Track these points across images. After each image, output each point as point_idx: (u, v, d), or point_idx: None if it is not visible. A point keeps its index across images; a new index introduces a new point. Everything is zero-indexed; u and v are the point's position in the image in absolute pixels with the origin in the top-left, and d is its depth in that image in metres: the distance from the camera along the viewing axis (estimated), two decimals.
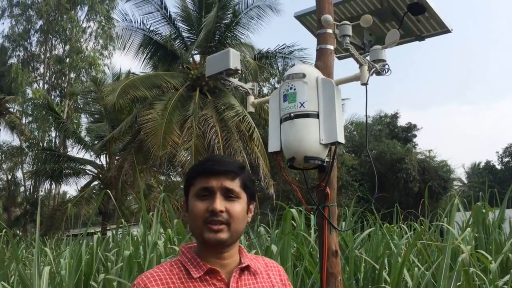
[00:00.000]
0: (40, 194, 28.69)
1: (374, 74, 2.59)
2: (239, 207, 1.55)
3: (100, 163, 22.60)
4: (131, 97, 17.72)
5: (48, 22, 28.77)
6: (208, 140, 16.61)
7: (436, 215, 5.92)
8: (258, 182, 16.87)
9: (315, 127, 2.47)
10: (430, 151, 29.14)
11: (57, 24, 28.58)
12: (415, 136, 31.46)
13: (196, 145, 16.52)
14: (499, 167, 38.46)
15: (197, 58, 19.75)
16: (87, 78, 28.50)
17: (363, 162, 24.90)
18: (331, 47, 2.81)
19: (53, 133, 28.49)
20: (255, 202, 1.67)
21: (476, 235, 4.57)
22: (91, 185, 22.55)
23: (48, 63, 29.79)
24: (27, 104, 28.80)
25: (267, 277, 1.66)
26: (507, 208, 5.25)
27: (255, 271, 1.63)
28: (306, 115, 2.49)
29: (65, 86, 29.75)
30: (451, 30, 3.22)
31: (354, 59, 2.57)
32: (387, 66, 2.61)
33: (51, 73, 30.15)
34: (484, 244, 4.57)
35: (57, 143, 28.28)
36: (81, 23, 29.54)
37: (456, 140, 73.27)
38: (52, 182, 24.97)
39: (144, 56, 19.52)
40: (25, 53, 30.16)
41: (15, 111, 29.10)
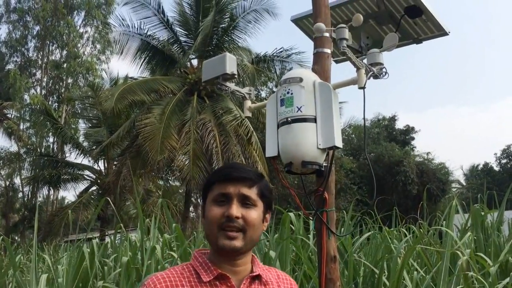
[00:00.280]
0: (38, 200, 28.61)
1: (372, 78, 2.57)
2: (255, 215, 1.55)
3: (98, 169, 22.60)
4: (129, 102, 17.71)
5: (45, 28, 28.74)
6: (206, 144, 16.60)
7: (435, 217, 5.91)
8: None
9: (312, 132, 2.45)
10: (428, 153, 29.16)
11: (54, 29, 28.56)
12: (413, 138, 31.47)
13: (194, 149, 16.50)
14: (497, 169, 38.48)
15: (194, 62, 19.80)
16: (84, 83, 28.45)
17: (362, 165, 24.89)
18: (328, 51, 2.80)
19: (51, 138, 28.45)
20: (271, 212, 1.67)
21: (475, 237, 4.55)
22: (89, 190, 22.53)
23: (45, 69, 29.75)
24: (25, 109, 28.74)
25: None
26: (506, 210, 5.23)
27: (266, 281, 1.62)
28: (304, 120, 2.47)
29: (62, 91, 29.70)
30: (449, 32, 3.21)
31: (351, 63, 2.55)
32: (384, 70, 2.59)
33: (48, 78, 30.10)
34: (483, 247, 4.55)
35: (55, 148, 28.21)
36: (78, 28, 29.53)
37: (454, 142, 73.39)
38: (50, 188, 24.90)
39: (142, 61, 19.55)
40: (22, 58, 30.13)
41: (12, 117, 29.05)
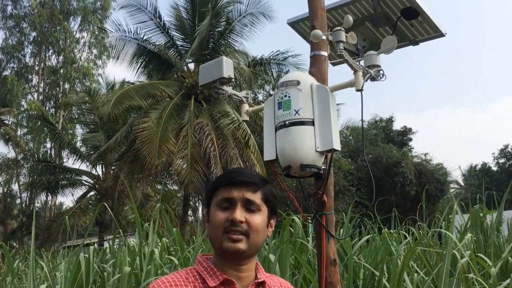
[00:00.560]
0: (36, 205, 28.53)
1: (369, 80, 2.56)
2: (259, 219, 1.55)
3: (96, 174, 22.53)
4: (126, 107, 17.69)
5: (42, 33, 28.71)
6: (204, 148, 16.58)
7: (434, 218, 5.90)
8: None
9: (310, 135, 2.44)
10: (426, 154, 29.23)
11: (50, 35, 28.53)
12: (410, 139, 31.51)
13: (192, 153, 16.48)
14: (495, 169, 38.51)
15: (191, 66, 19.81)
16: (81, 88, 28.42)
17: (360, 167, 24.90)
18: (325, 54, 2.80)
19: (48, 144, 28.39)
20: (276, 218, 1.66)
21: (475, 238, 4.54)
22: (88, 195, 22.48)
23: (42, 74, 29.71)
24: (22, 115, 28.69)
25: None
26: (504, 210, 5.23)
27: None
28: (301, 123, 2.46)
29: (59, 97, 29.66)
30: (445, 34, 3.21)
31: (348, 65, 2.54)
32: (381, 72, 2.58)
33: (45, 84, 30.06)
34: (483, 247, 4.54)
35: (52, 154, 28.15)
36: (74, 33, 29.50)
37: (452, 142, 73.46)
38: (48, 194, 24.84)
39: (138, 66, 19.55)
40: (19, 64, 30.10)
41: (10, 123, 28.99)
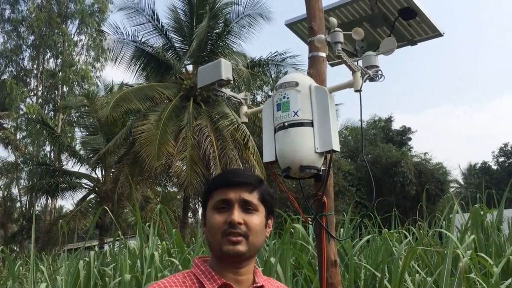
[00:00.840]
0: (36, 209, 28.48)
1: (368, 81, 2.56)
2: (257, 220, 1.53)
3: (96, 176, 22.52)
4: (125, 109, 17.69)
5: (40, 37, 28.70)
6: (203, 149, 16.58)
7: (434, 218, 5.90)
8: None
9: (309, 136, 2.44)
10: (425, 153, 29.25)
11: (48, 38, 28.52)
12: (410, 139, 31.53)
13: (191, 155, 16.48)
14: (495, 168, 38.51)
15: (189, 68, 19.79)
16: (80, 91, 28.40)
17: (359, 167, 24.90)
18: (323, 55, 2.79)
19: (47, 147, 28.36)
20: (273, 218, 1.64)
21: (476, 237, 4.54)
22: (88, 198, 22.45)
23: (40, 78, 29.70)
24: (21, 119, 28.67)
25: None
26: (505, 209, 5.23)
27: None
28: (300, 124, 2.46)
29: (58, 100, 29.64)
30: (443, 33, 3.21)
31: (347, 66, 2.54)
32: (380, 72, 2.58)
33: (43, 87, 30.04)
34: (484, 246, 4.54)
35: (52, 157, 28.12)
36: (72, 36, 29.49)
37: (452, 142, 73.49)
38: (48, 197, 24.80)
39: (137, 68, 19.55)
40: (17, 68, 30.08)
41: (9, 126, 28.96)
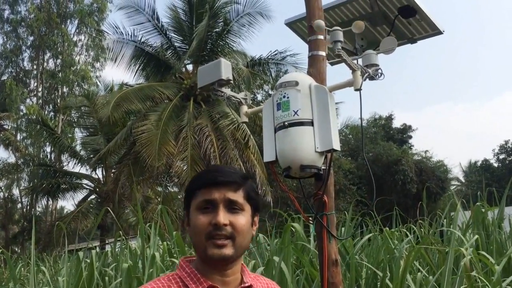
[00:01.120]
0: (37, 210, 28.49)
1: (368, 79, 2.56)
2: (243, 220, 1.47)
3: (97, 177, 22.52)
4: (125, 109, 17.69)
5: (40, 38, 28.69)
6: (204, 149, 16.58)
7: (435, 216, 5.89)
8: None
9: (310, 135, 2.44)
10: (426, 151, 29.27)
11: (48, 38, 28.51)
12: (410, 137, 31.55)
13: (192, 155, 16.48)
14: (496, 165, 38.48)
15: (190, 67, 19.78)
16: (80, 91, 28.38)
17: (360, 165, 24.89)
18: (323, 53, 2.79)
19: (48, 148, 28.35)
20: (259, 214, 1.59)
21: (477, 235, 4.54)
22: (88, 199, 22.45)
23: (40, 78, 29.69)
24: (21, 120, 28.66)
25: None
26: (506, 206, 5.22)
27: None
28: (301, 123, 2.45)
29: (58, 101, 29.63)
30: (443, 31, 3.20)
31: (347, 65, 2.53)
32: (380, 71, 2.57)
33: (43, 88, 30.03)
34: (485, 244, 4.54)
35: (52, 158, 28.12)
36: (72, 36, 29.47)
37: (452, 139, 73.47)
38: (49, 198, 24.80)
39: (137, 68, 19.54)
40: (17, 69, 30.06)
41: (9, 127, 28.95)
